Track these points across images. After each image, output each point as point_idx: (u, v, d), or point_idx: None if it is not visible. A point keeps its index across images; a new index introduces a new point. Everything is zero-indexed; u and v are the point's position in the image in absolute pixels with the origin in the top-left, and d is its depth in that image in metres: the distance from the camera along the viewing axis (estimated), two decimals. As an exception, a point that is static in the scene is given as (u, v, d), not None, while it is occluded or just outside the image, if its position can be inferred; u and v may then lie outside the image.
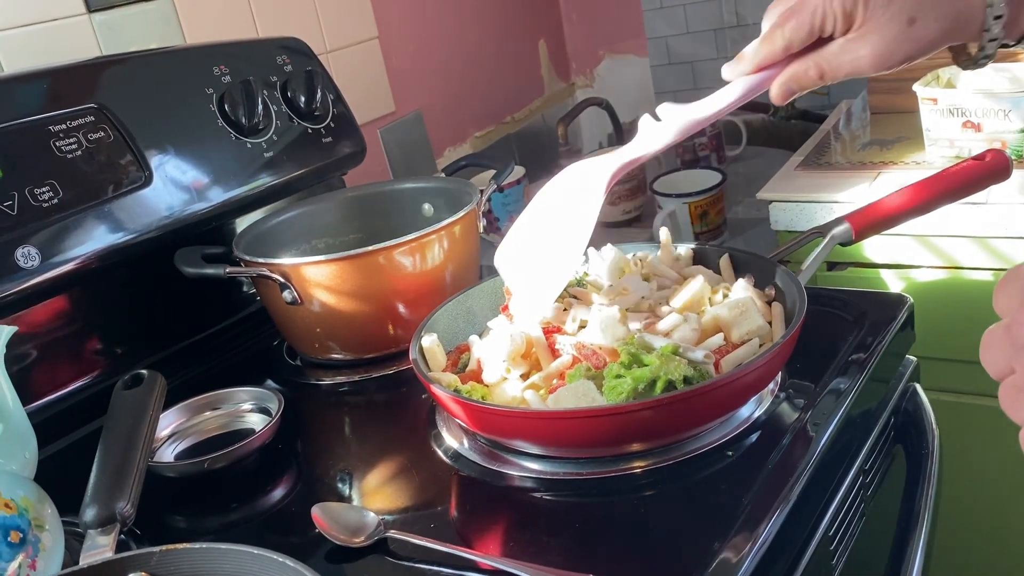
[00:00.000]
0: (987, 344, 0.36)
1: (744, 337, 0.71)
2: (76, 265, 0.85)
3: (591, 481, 0.66)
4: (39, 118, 0.86)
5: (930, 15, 0.57)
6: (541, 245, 0.72)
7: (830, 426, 0.68)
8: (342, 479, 0.75)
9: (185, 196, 0.94)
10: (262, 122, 1.02)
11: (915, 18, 0.57)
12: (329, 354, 0.94)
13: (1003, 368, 0.36)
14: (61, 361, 0.90)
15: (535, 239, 0.73)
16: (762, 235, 1.33)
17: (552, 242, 0.71)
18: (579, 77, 2.00)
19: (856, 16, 0.59)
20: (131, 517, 0.65)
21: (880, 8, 0.58)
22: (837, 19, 0.60)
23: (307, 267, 0.87)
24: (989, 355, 0.36)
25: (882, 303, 0.84)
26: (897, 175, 1.18)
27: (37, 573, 0.59)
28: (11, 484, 0.62)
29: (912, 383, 0.86)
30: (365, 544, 0.63)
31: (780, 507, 0.59)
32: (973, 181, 0.82)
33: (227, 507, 0.74)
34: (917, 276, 1.16)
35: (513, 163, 1.10)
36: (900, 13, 0.58)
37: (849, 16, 0.59)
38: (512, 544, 0.62)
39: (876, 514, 0.77)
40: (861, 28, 0.59)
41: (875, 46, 0.59)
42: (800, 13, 0.61)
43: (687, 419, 0.66)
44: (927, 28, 0.58)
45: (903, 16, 0.58)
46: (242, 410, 0.86)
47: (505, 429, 0.69)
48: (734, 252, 0.83)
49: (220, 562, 0.53)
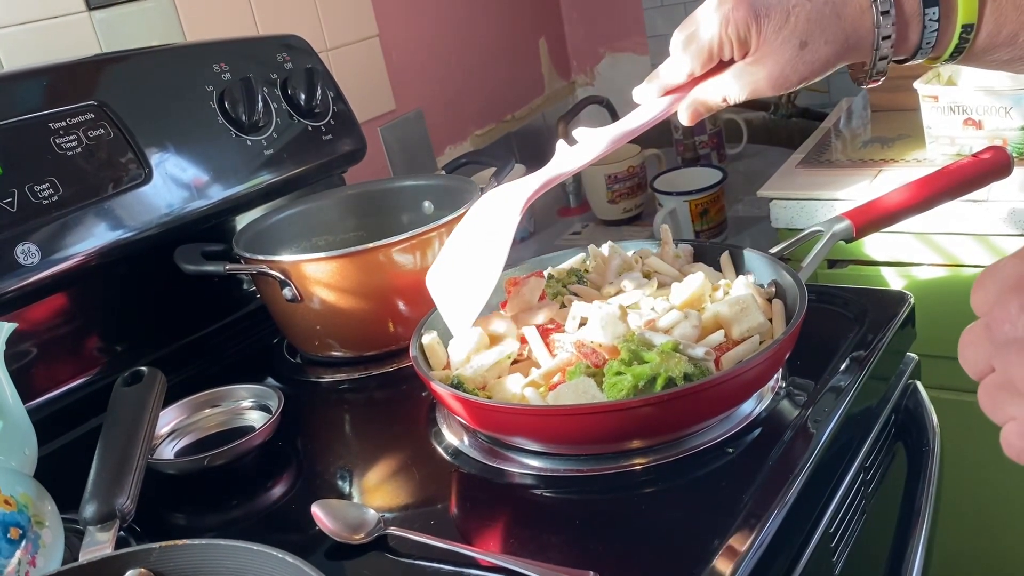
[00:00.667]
0: (965, 343, 0.36)
1: (745, 334, 0.71)
2: (76, 262, 0.85)
3: (591, 478, 0.66)
4: (39, 115, 0.86)
5: (820, 38, 0.60)
6: (463, 267, 0.74)
7: (830, 423, 0.68)
8: (342, 476, 0.75)
9: (185, 193, 0.94)
10: (262, 120, 1.02)
11: (806, 42, 0.60)
12: (329, 351, 0.94)
13: (982, 367, 0.36)
14: (61, 358, 0.91)
15: (458, 261, 0.75)
16: (763, 233, 1.32)
17: (472, 264, 0.73)
18: (579, 75, 2.00)
19: (751, 42, 0.62)
20: (131, 513, 0.65)
21: (772, 34, 0.60)
22: (734, 45, 0.62)
23: (307, 264, 0.87)
24: (967, 354, 0.36)
25: (883, 300, 0.84)
26: (898, 173, 1.17)
27: (37, 569, 0.59)
28: (11, 481, 0.62)
29: (913, 381, 0.86)
30: (365, 541, 0.63)
31: (780, 504, 0.59)
32: (974, 178, 0.82)
33: (227, 504, 0.74)
34: (918, 273, 1.16)
35: (513, 161, 1.10)
36: (792, 37, 0.60)
37: (744, 42, 0.62)
38: (512, 541, 0.62)
39: (877, 512, 0.77)
40: (757, 53, 0.62)
41: (771, 70, 0.62)
42: (699, 40, 0.64)
43: (687, 416, 0.66)
44: (818, 51, 0.60)
45: (795, 40, 0.60)
46: (242, 407, 0.86)
47: (505, 426, 0.69)
48: (734, 249, 0.83)
49: (220, 558, 0.53)
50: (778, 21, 0.60)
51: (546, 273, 0.85)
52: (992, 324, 0.34)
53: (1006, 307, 0.33)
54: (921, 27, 0.59)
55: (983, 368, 0.36)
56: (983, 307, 0.35)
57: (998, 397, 0.35)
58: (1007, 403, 0.35)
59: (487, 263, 0.71)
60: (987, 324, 0.35)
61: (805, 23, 0.60)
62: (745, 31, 0.61)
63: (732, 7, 0.61)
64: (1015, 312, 0.33)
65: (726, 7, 0.61)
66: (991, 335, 0.35)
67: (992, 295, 0.34)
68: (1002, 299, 0.34)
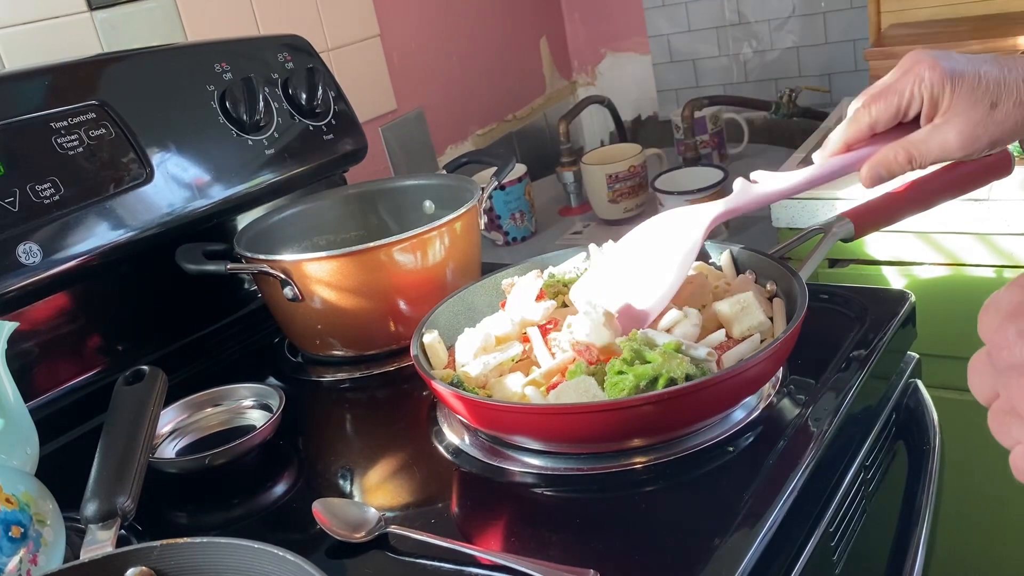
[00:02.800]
0: (973, 370, 0.37)
1: (745, 333, 0.71)
2: (77, 262, 0.85)
3: (592, 477, 0.66)
4: (41, 115, 0.86)
5: (1009, 100, 0.62)
6: (631, 285, 0.75)
7: (831, 422, 0.68)
8: (343, 475, 0.75)
9: (186, 193, 0.94)
10: (263, 119, 1.02)
11: (996, 103, 0.62)
12: (330, 351, 0.94)
13: (988, 393, 0.36)
14: (62, 357, 0.91)
15: (623, 279, 0.76)
16: (763, 232, 1.33)
17: (645, 282, 0.74)
18: (580, 75, 2.00)
19: (942, 101, 0.63)
20: (132, 512, 0.65)
21: (966, 94, 0.62)
22: (925, 102, 0.64)
23: (308, 264, 0.87)
24: (975, 381, 0.37)
25: (883, 299, 0.84)
26: (899, 172, 1.17)
27: (38, 568, 0.60)
28: (12, 480, 0.62)
29: (913, 380, 0.86)
30: (366, 539, 0.63)
31: (781, 503, 0.59)
32: (975, 177, 0.82)
33: (228, 503, 0.74)
34: (918, 273, 1.16)
35: (514, 160, 1.10)
36: (984, 98, 0.62)
37: (935, 101, 0.63)
38: (513, 539, 0.62)
39: (877, 511, 0.77)
40: (946, 113, 0.63)
41: (962, 130, 0.63)
42: (888, 95, 0.65)
43: (688, 414, 0.66)
44: (1008, 112, 0.62)
45: (986, 101, 0.62)
46: (243, 406, 0.86)
47: (506, 425, 0.69)
48: (735, 249, 0.83)
49: (221, 557, 0.53)
50: (971, 82, 0.62)
51: (547, 273, 0.85)
52: (993, 351, 0.35)
53: (1004, 334, 0.34)
54: None
55: (989, 394, 0.36)
56: (986, 334, 0.36)
57: (1005, 422, 0.36)
58: (1013, 427, 0.35)
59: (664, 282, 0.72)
60: (989, 351, 0.36)
61: (995, 85, 0.62)
62: (940, 90, 0.63)
63: (927, 67, 0.63)
64: (1012, 339, 0.34)
65: (920, 67, 0.63)
66: (993, 362, 0.36)
67: (994, 322, 0.35)
68: (1001, 326, 0.35)
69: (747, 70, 1.83)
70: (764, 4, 1.76)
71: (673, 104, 1.91)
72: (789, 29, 1.76)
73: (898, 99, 0.65)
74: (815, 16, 1.72)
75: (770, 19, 1.77)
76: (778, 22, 1.76)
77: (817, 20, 1.72)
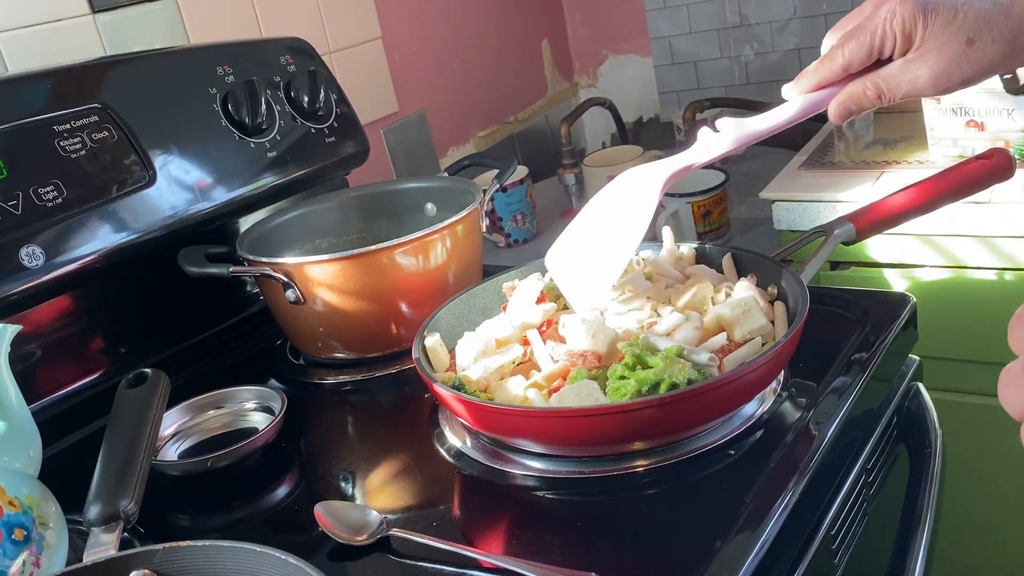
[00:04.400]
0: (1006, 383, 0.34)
1: (746, 336, 0.71)
2: (80, 265, 0.85)
3: (593, 480, 0.66)
4: (43, 118, 0.86)
5: (987, 37, 0.58)
6: (593, 245, 0.73)
7: (832, 425, 0.68)
8: (345, 478, 0.75)
9: (189, 196, 0.94)
10: (265, 122, 1.02)
11: (973, 39, 0.58)
12: (332, 353, 0.94)
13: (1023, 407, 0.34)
14: (65, 360, 0.91)
15: (588, 240, 0.74)
16: (765, 235, 1.33)
17: (605, 242, 0.72)
18: (582, 77, 2.00)
19: (915, 37, 0.60)
20: (134, 515, 0.65)
21: (940, 28, 0.59)
22: (897, 39, 0.61)
23: (310, 266, 0.87)
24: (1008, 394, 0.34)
25: (885, 302, 0.84)
26: (900, 174, 1.17)
27: (41, 571, 0.60)
28: (15, 482, 0.62)
29: (915, 382, 0.86)
30: (368, 542, 0.63)
31: (782, 506, 0.59)
32: (976, 180, 0.82)
33: (230, 505, 0.74)
34: (920, 275, 1.16)
35: (516, 163, 1.10)
36: (959, 34, 0.59)
37: (908, 37, 0.60)
38: (514, 542, 0.62)
39: (878, 514, 0.77)
40: (920, 49, 0.60)
41: (933, 67, 0.60)
42: (860, 33, 0.62)
43: (689, 418, 0.66)
44: (985, 50, 0.59)
45: (962, 36, 0.59)
46: (245, 409, 0.86)
47: (508, 428, 0.69)
48: (737, 251, 0.83)
49: (223, 560, 0.53)
50: (946, 16, 0.59)
51: (548, 276, 0.85)
52: None
53: None
54: None
55: None
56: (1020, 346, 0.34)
57: None
58: None
59: (622, 239, 0.70)
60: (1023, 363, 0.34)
61: (974, 20, 0.58)
62: (911, 25, 0.60)
63: (898, 1, 0.60)
64: None
65: (892, 2, 0.60)
66: None
67: None
68: None
69: (749, 72, 1.83)
70: (766, 6, 1.76)
71: (675, 106, 1.91)
72: (791, 31, 1.76)
73: (870, 38, 0.62)
74: (816, 18, 1.72)
75: (771, 21, 1.77)
76: (779, 24, 1.76)
77: (819, 22, 1.72)
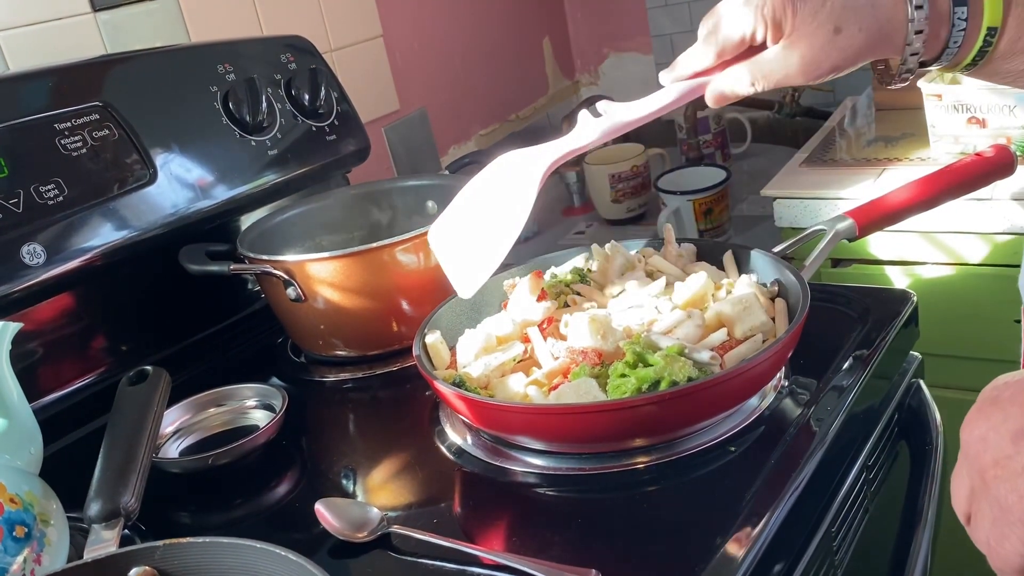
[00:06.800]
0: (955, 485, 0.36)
1: (747, 333, 0.71)
2: (81, 262, 0.85)
3: (594, 477, 0.66)
4: (44, 116, 0.86)
5: (854, 25, 0.60)
6: (475, 229, 0.72)
7: (833, 422, 0.68)
8: (346, 475, 0.75)
9: (190, 194, 0.94)
10: (266, 120, 1.02)
11: (840, 28, 0.60)
12: (333, 351, 0.94)
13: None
14: (66, 358, 0.91)
15: (469, 222, 0.73)
16: (766, 232, 1.32)
17: (486, 228, 0.71)
18: (583, 75, 2.00)
19: (785, 25, 0.61)
20: (135, 512, 0.66)
21: (808, 17, 0.60)
22: (768, 28, 0.62)
23: (311, 264, 0.87)
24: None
25: (886, 299, 0.84)
26: (902, 171, 1.17)
27: (42, 568, 0.60)
28: (17, 479, 0.62)
29: (916, 379, 0.86)
30: (368, 539, 0.64)
31: (783, 503, 0.59)
32: (978, 177, 0.82)
33: (231, 503, 0.75)
34: (921, 272, 1.16)
35: (517, 160, 1.10)
36: (827, 22, 0.60)
37: (778, 25, 0.61)
38: (515, 539, 0.62)
39: (879, 510, 0.77)
40: (790, 37, 0.61)
41: (803, 54, 0.61)
42: (731, 22, 0.63)
43: (690, 414, 0.66)
44: (852, 38, 0.60)
45: (829, 25, 0.60)
46: (246, 406, 0.86)
47: (508, 424, 0.69)
48: (738, 248, 0.83)
49: (223, 556, 0.53)
50: (814, 5, 0.60)
51: (548, 273, 0.85)
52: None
53: None
54: (950, 26, 0.59)
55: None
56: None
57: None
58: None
59: (503, 230, 0.69)
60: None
61: (840, 9, 0.59)
62: (781, 13, 0.61)
63: None
64: None
65: None
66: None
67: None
68: None
69: (750, 70, 1.82)
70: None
71: (676, 104, 1.91)
72: (792, 28, 1.75)
73: (742, 27, 0.62)
74: (818, 15, 1.72)
75: (773, 18, 1.76)
76: (781, 21, 1.76)
77: (820, 19, 1.72)
